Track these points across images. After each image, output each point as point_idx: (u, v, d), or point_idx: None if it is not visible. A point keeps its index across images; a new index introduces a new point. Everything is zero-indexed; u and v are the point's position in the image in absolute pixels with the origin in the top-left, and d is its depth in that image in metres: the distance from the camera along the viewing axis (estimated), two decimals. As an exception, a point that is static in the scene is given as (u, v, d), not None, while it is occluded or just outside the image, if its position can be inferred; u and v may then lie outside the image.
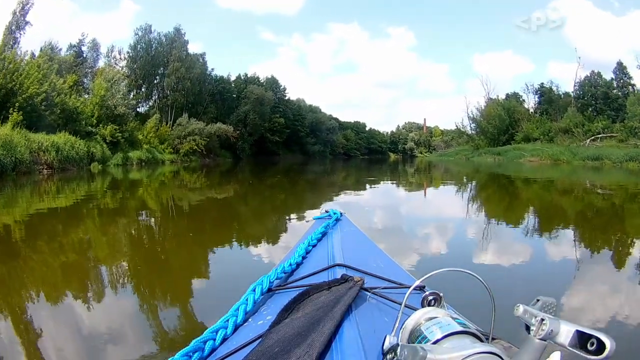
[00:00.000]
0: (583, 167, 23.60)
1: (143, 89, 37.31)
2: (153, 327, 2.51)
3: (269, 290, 1.12)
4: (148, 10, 68.80)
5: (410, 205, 8.98)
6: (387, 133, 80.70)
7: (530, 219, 6.88)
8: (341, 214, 2.04)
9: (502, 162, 31.65)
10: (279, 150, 48.10)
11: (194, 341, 0.86)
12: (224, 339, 0.91)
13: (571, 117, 34.38)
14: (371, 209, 7.58)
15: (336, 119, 63.78)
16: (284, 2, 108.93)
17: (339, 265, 1.17)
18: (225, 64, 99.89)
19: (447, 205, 8.76)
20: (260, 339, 0.82)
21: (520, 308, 0.61)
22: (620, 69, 35.71)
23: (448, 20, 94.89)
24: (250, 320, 0.99)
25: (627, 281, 3.39)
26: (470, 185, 14.75)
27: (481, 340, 0.61)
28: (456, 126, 51.68)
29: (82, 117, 21.88)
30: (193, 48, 41.86)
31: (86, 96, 25.50)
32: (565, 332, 0.54)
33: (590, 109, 35.35)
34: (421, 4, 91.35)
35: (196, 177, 17.25)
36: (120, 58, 36.19)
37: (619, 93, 35.08)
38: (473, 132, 46.59)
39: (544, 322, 0.55)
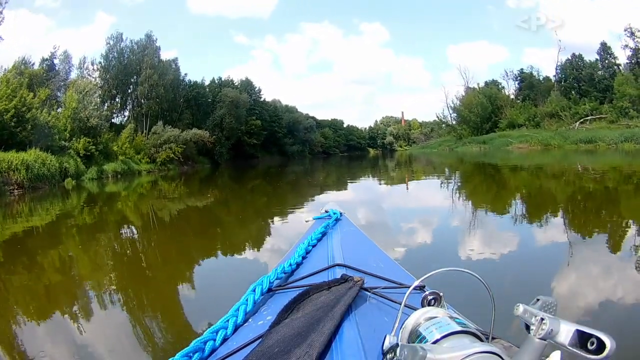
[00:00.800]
0: (576, 151, 23.07)
1: (117, 99, 36.43)
2: (154, 329, 2.50)
3: (269, 290, 1.12)
4: (122, 20, 67.42)
5: (395, 201, 8.98)
6: (366, 129, 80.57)
7: (532, 216, 6.50)
8: (341, 214, 2.04)
9: (488, 150, 31.04)
10: (257, 152, 47.46)
11: (194, 341, 0.87)
12: (224, 339, 0.92)
13: (555, 101, 34.21)
14: (356, 207, 7.58)
15: (313, 118, 63.31)
16: (256, 5, 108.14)
17: (338, 265, 1.17)
18: (200, 70, 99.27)
19: (434, 201, 8.69)
20: (260, 339, 0.82)
21: (520, 307, 0.61)
22: (605, 49, 35.61)
23: (420, 13, 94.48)
24: (250, 320, 0.99)
25: (630, 281, 3.28)
26: (455, 177, 14.75)
27: (481, 340, 0.61)
28: (437, 117, 51.61)
29: (55, 131, 21.20)
30: (168, 55, 40.88)
31: (59, 110, 24.72)
32: (565, 332, 0.54)
33: (573, 92, 35.23)
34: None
35: (175, 187, 16.98)
36: (93, 69, 35.17)
37: (605, 74, 34.77)
38: (454, 122, 46.22)
39: (543, 321, 0.55)
